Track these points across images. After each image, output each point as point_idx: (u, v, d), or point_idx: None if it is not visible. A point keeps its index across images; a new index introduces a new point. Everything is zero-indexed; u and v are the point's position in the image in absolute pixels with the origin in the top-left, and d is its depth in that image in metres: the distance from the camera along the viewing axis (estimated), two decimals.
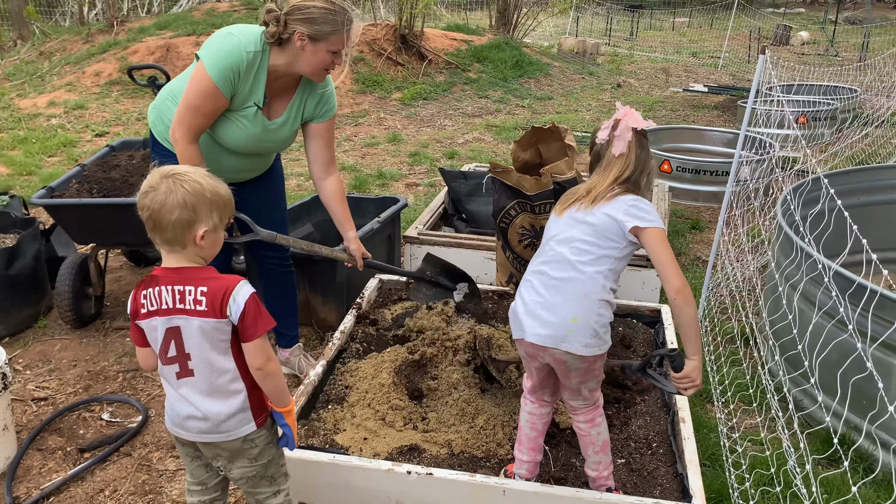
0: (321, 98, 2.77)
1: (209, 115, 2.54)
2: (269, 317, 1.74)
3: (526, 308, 2.10)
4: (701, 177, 5.63)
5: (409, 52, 10.78)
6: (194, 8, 13.18)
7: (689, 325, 1.98)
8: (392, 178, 6.22)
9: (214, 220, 1.73)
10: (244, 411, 1.82)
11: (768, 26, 19.95)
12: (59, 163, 6.47)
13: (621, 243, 2.03)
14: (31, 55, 10.71)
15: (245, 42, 2.50)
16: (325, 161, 2.88)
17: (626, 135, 2.08)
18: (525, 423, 2.35)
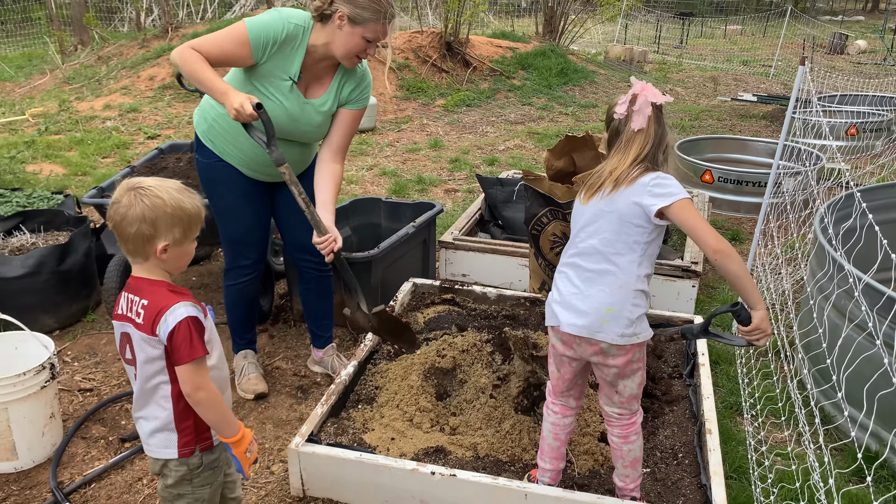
0: (358, 84, 2.82)
1: (223, 50, 2.55)
2: (200, 346, 1.70)
3: (562, 299, 2.12)
4: (743, 187, 5.55)
5: (453, 59, 10.85)
6: (246, 14, 13.50)
7: (739, 277, 1.92)
8: (431, 183, 6.28)
9: (175, 235, 1.71)
10: (168, 432, 1.80)
11: (823, 34, 19.48)
12: (113, 164, 6.71)
13: (648, 227, 2.01)
14: (90, 59, 11.12)
15: (288, 14, 2.61)
16: (338, 146, 2.85)
17: (646, 109, 2.04)
18: (548, 433, 2.36)
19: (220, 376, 1.87)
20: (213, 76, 2.50)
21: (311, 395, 3.23)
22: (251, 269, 3.07)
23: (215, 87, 2.49)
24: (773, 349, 3.32)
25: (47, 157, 6.73)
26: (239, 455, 1.82)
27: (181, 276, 4.42)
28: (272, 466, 2.77)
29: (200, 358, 1.70)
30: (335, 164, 2.83)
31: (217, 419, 1.77)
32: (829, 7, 33.27)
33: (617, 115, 2.11)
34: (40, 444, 2.73)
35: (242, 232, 2.99)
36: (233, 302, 3.14)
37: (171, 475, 1.85)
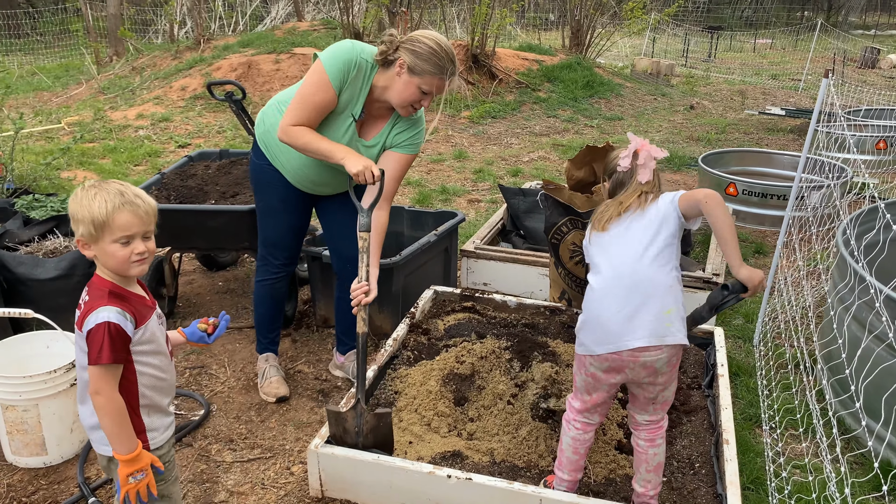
0: (409, 129, 2.83)
1: (317, 107, 2.65)
2: (108, 353, 1.71)
3: (613, 318, 2.11)
4: (768, 201, 5.52)
5: (479, 72, 10.93)
6: (276, 27, 13.73)
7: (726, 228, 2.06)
8: (455, 193, 6.34)
9: (82, 231, 1.75)
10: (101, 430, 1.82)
11: (855, 48, 19.26)
12: (144, 171, 6.87)
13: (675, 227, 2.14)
14: (124, 70, 11.38)
15: (360, 49, 2.67)
16: (385, 196, 2.79)
17: (651, 163, 2.23)
18: (567, 448, 2.37)
19: (160, 385, 1.89)
20: (328, 144, 2.63)
21: (332, 398, 3.28)
22: (280, 269, 3.16)
23: (334, 151, 2.61)
24: (792, 361, 3.30)
25: (81, 165, 6.91)
26: (121, 475, 1.79)
27: (207, 280, 4.51)
28: (292, 467, 2.82)
29: (109, 365, 1.73)
30: (381, 213, 2.79)
31: (111, 430, 1.77)
32: (862, 21, 32.86)
33: (621, 168, 2.28)
34: (69, 440, 2.81)
35: (278, 236, 3.10)
36: (260, 299, 3.23)
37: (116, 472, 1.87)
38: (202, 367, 3.52)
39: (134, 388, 1.83)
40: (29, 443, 2.74)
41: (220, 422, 3.10)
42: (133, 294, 1.85)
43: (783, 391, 3.05)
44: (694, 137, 9.23)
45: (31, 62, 14.25)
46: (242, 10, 15.85)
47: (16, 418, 2.70)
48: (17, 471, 2.76)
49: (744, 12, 31.47)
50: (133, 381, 1.82)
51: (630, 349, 2.08)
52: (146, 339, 1.84)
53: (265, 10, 17.34)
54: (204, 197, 3.97)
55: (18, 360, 2.87)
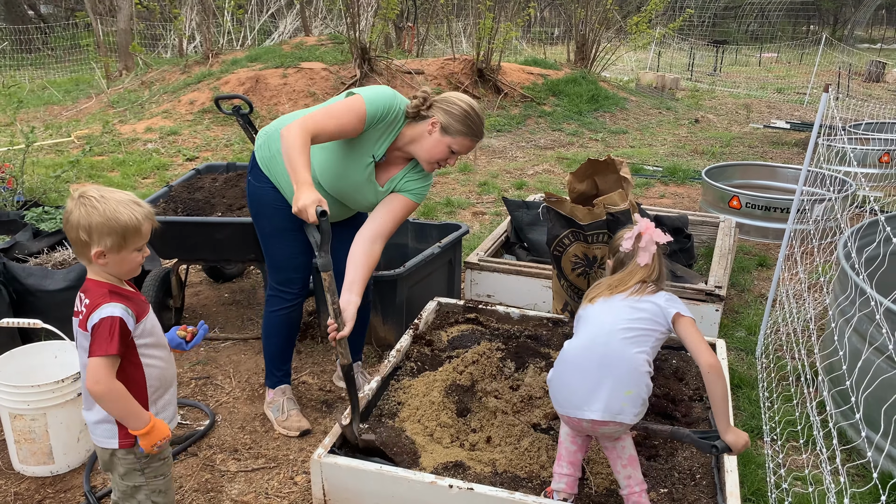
0: (420, 179, 2.86)
1: (342, 127, 2.62)
2: (114, 344, 1.78)
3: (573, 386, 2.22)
4: (771, 213, 5.54)
5: (485, 86, 11.01)
6: (284, 41, 13.87)
7: (721, 398, 2.15)
8: (459, 206, 6.38)
9: (108, 243, 1.79)
10: (110, 424, 1.91)
11: (861, 62, 19.29)
12: (152, 184, 6.94)
13: (662, 328, 2.22)
14: (133, 84, 11.51)
15: (401, 99, 2.72)
16: (383, 231, 2.81)
17: (651, 248, 2.30)
18: (565, 437, 2.41)
19: (162, 375, 1.98)
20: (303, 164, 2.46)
21: (336, 409, 3.31)
22: (295, 294, 3.06)
23: (299, 175, 2.44)
24: (794, 373, 3.31)
25: (90, 177, 6.99)
26: (145, 447, 1.90)
27: (213, 291, 4.56)
28: (296, 477, 2.85)
29: (110, 356, 1.79)
30: (375, 246, 2.79)
31: (120, 412, 1.86)
32: (868, 35, 32.91)
33: (623, 249, 2.35)
34: (75, 449, 2.85)
35: (288, 256, 3.00)
36: (274, 329, 3.10)
37: (120, 465, 1.97)
38: (208, 377, 3.55)
39: (143, 380, 1.92)
40: (36, 451, 2.77)
41: (224, 432, 3.12)
42: (131, 292, 1.93)
43: (784, 403, 3.06)
44: (698, 151, 9.26)
45: (41, 76, 14.41)
46: (251, 25, 16.01)
47: (24, 427, 2.73)
48: (25, 479, 2.80)
49: (749, 26, 31.57)
50: (142, 375, 1.91)
51: (588, 420, 2.19)
52: (147, 331, 1.92)
53: (273, 25, 17.52)
54: (211, 209, 4.01)
55: (27, 369, 2.91)
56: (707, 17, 26.81)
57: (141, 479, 2.01)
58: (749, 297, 4.54)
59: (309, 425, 3.13)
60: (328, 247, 2.46)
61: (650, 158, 8.64)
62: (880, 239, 2.58)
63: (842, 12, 32.15)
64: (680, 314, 2.21)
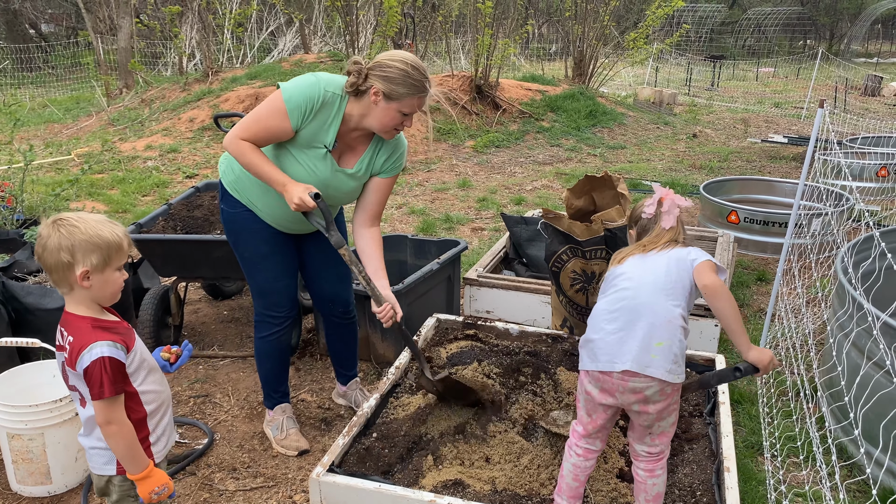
0: (392, 153, 2.82)
1: (268, 129, 2.59)
2: (110, 386, 1.78)
3: (605, 338, 2.16)
4: (770, 228, 5.55)
5: (483, 102, 11.06)
6: (283, 59, 13.95)
7: (734, 316, 2.10)
8: (459, 222, 6.39)
9: (94, 261, 1.77)
10: (108, 451, 1.90)
11: (857, 77, 19.40)
12: (152, 202, 6.96)
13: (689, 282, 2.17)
14: (133, 102, 11.57)
15: (325, 82, 2.61)
16: (374, 214, 2.88)
17: (675, 210, 2.29)
18: (568, 474, 2.38)
19: (158, 399, 1.97)
20: (271, 168, 2.59)
21: (335, 426, 3.30)
22: (283, 318, 3.02)
23: (274, 178, 2.58)
24: (793, 388, 3.30)
25: (90, 195, 7.01)
26: (143, 494, 1.90)
27: (212, 309, 4.56)
28: (294, 496, 2.83)
29: (109, 398, 1.79)
30: (373, 229, 2.87)
31: (124, 453, 1.87)
32: (865, 49, 33.11)
33: (645, 215, 2.34)
34: (73, 469, 2.83)
35: (271, 280, 2.95)
36: (266, 355, 3.08)
37: (115, 491, 1.96)
38: (206, 395, 3.54)
39: (141, 408, 1.91)
40: (34, 472, 2.76)
41: (223, 450, 3.11)
42: (113, 322, 1.90)
43: (784, 418, 3.05)
44: (697, 165, 9.29)
45: (42, 95, 14.49)
46: (250, 43, 16.11)
47: (21, 447, 2.72)
48: (22, 500, 2.78)
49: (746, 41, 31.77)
50: (139, 402, 1.90)
51: (619, 371, 2.11)
52: (139, 360, 1.91)
53: (273, 42, 17.63)
54: (210, 227, 4.02)
55: (25, 389, 2.90)
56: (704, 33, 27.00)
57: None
58: (748, 311, 4.53)
59: (307, 445, 3.12)
60: (334, 224, 2.62)
61: (648, 173, 8.67)
62: (876, 254, 2.59)
63: (838, 27, 32.37)
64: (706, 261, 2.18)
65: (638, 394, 2.12)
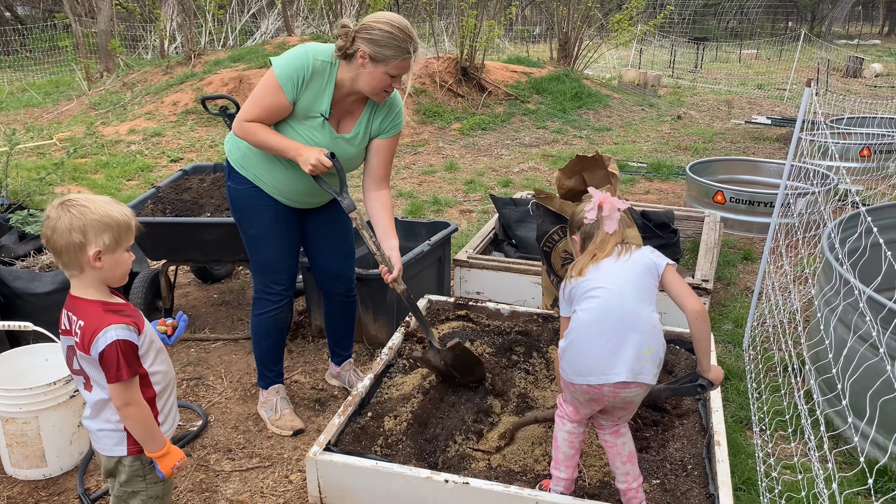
0: (388, 114, 2.83)
1: (267, 108, 2.64)
2: (127, 368, 1.79)
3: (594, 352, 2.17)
4: (755, 208, 5.61)
5: (469, 84, 11.03)
6: (266, 41, 13.82)
7: (707, 340, 2.22)
8: (447, 204, 6.40)
9: (106, 240, 1.78)
10: (119, 432, 1.92)
11: (839, 58, 19.53)
12: (137, 186, 6.90)
13: (656, 280, 2.24)
14: (115, 86, 11.41)
15: (314, 51, 2.64)
16: (380, 176, 2.90)
17: (615, 215, 2.32)
18: (563, 443, 2.41)
19: (165, 379, 1.99)
20: (280, 139, 2.66)
21: (329, 407, 3.32)
22: (282, 296, 3.03)
23: (286, 146, 2.64)
24: (781, 363, 3.36)
25: (74, 180, 6.93)
26: (165, 470, 1.94)
27: (202, 292, 4.55)
28: (290, 476, 2.85)
29: (126, 380, 1.80)
30: (381, 192, 2.91)
31: (143, 434, 1.90)
32: (846, 31, 33.31)
33: (587, 221, 2.36)
34: (68, 452, 2.83)
35: (275, 258, 2.97)
36: (263, 332, 3.08)
37: (125, 472, 1.97)
38: (199, 378, 3.55)
39: (151, 388, 1.92)
40: (29, 455, 2.76)
41: (218, 432, 3.12)
42: (122, 305, 1.90)
43: (772, 393, 3.11)
44: (682, 147, 9.34)
45: (20, 79, 14.25)
46: (232, 26, 15.93)
47: (15, 431, 2.72)
48: (17, 483, 2.78)
49: (729, 23, 31.83)
50: (148, 383, 1.91)
51: (612, 384, 2.14)
52: (148, 342, 1.92)
53: (255, 25, 17.44)
54: (199, 210, 4.00)
55: (17, 373, 2.89)
56: (687, 15, 27.02)
57: (141, 485, 2.01)
58: (735, 290, 4.60)
59: (302, 424, 3.13)
60: (346, 187, 2.70)
61: (634, 155, 8.71)
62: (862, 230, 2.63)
63: (819, 9, 32.51)
64: (669, 264, 2.26)
65: (627, 401, 2.22)
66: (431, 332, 2.92)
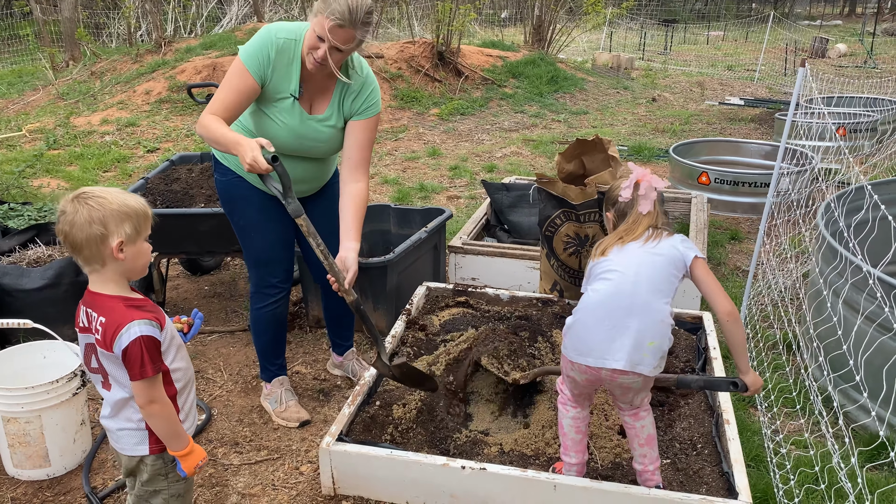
0: (359, 94, 2.71)
1: (235, 89, 2.53)
2: (151, 365, 1.74)
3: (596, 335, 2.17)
4: (739, 188, 5.68)
5: (445, 69, 10.97)
6: (236, 28, 13.57)
7: (742, 343, 2.20)
8: (433, 190, 6.37)
9: (127, 230, 1.74)
10: (140, 431, 1.88)
11: (805, 39, 19.81)
12: (114, 177, 6.75)
13: (681, 273, 2.20)
14: (83, 75, 11.13)
15: (276, 29, 2.56)
16: (356, 162, 2.74)
17: (651, 194, 2.26)
18: (570, 429, 2.42)
19: (185, 376, 1.95)
20: (225, 131, 2.43)
21: (333, 397, 3.29)
22: (279, 288, 2.97)
23: (227, 139, 2.41)
24: (783, 342, 3.42)
25: (48, 172, 6.75)
26: (188, 469, 1.90)
27: (192, 284, 4.47)
28: (301, 467, 2.83)
29: (150, 377, 1.76)
30: (355, 184, 2.73)
31: (167, 432, 1.85)
32: (808, 12, 33.78)
33: (622, 199, 2.31)
34: (71, 450, 2.78)
35: (267, 249, 2.90)
36: (263, 326, 3.03)
37: (147, 471, 1.93)
38: (198, 371, 3.49)
39: (172, 385, 1.88)
40: (32, 455, 2.69)
41: (222, 425, 3.08)
42: (143, 300, 1.85)
43: (775, 372, 3.16)
44: (659, 129, 9.41)
45: None
46: (198, 12, 15.61)
47: (18, 430, 2.65)
48: (20, 484, 2.72)
49: (695, 5, 32.08)
50: (169, 380, 1.87)
51: (609, 369, 2.16)
52: (169, 338, 1.87)
53: (221, 11, 17.10)
54: (190, 201, 3.93)
55: (15, 372, 2.82)
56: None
57: (163, 484, 1.97)
58: (725, 270, 4.65)
59: (308, 415, 3.10)
60: (291, 191, 2.38)
61: (613, 138, 8.75)
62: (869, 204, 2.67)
63: None
64: (698, 257, 2.19)
65: (624, 386, 2.22)
66: (383, 344, 2.71)
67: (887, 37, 22.35)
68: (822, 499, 2.37)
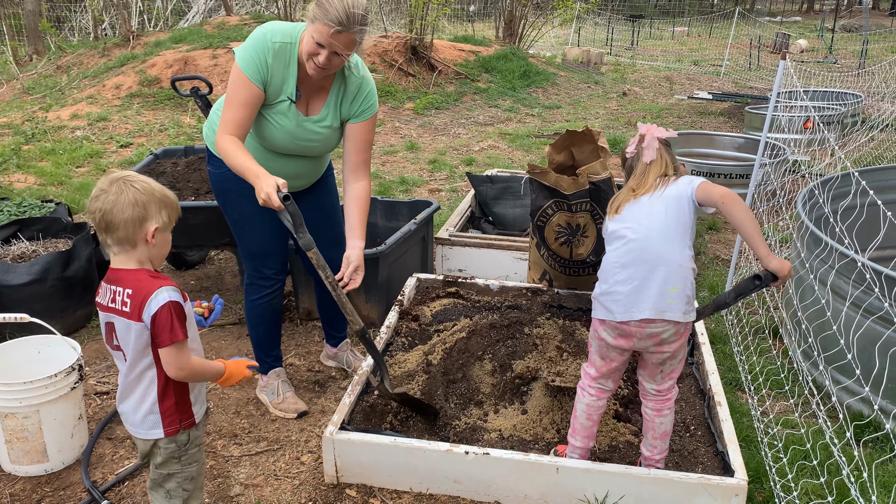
0: (356, 96, 2.72)
1: (243, 104, 2.54)
2: (180, 330, 1.79)
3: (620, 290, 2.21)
4: (715, 180, 5.78)
5: (419, 63, 10.98)
6: (205, 22, 13.39)
7: (749, 225, 2.13)
8: (414, 184, 6.39)
9: (164, 218, 1.83)
10: (153, 414, 1.91)
11: (767, 34, 20.22)
12: (87, 173, 6.64)
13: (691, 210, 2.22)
14: (48, 69, 10.90)
15: (271, 33, 2.54)
16: (356, 163, 2.79)
17: (654, 144, 2.33)
18: (581, 414, 2.47)
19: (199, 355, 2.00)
20: (243, 157, 2.46)
21: (329, 388, 3.31)
22: (274, 280, 2.97)
23: (249, 171, 2.42)
24: (769, 326, 3.52)
25: (20, 168, 6.60)
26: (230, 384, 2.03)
27: (178, 279, 4.44)
28: (302, 457, 2.84)
29: (181, 341, 1.80)
30: (357, 183, 2.78)
31: (206, 378, 1.97)
32: (768, 9, 34.46)
33: (628, 154, 2.39)
34: (69, 445, 2.76)
35: (261, 241, 2.90)
36: (258, 318, 3.03)
37: (160, 454, 1.97)
38: None
39: None
40: (30, 450, 2.67)
41: (220, 418, 3.08)
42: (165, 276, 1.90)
43: (760, 355, 3.25)
44: (632, 123, 9.55)
45: None
46: (164, 5, 15.37)
47: (15, 426, 2.63)
48: (18, 480, 2.69)
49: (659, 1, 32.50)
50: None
51: (636, 320, 2.19)
52: (189, 314, 1.92)
53: (186, 5, 16.84)
54: (178, 194, 3.88)
55: (10, 367, 2.79)
56: None
57: (177, 467, 2.00)
58: (705, 259, 4.77)
59: (306, 407, 3.12)
60: (303, 226, 2.40)
61: None
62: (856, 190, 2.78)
63: None
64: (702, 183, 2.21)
65: (655, 337, 2.23)
66: (386, 370, 2.79)
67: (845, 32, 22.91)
68: (814, 474, 2.47)
